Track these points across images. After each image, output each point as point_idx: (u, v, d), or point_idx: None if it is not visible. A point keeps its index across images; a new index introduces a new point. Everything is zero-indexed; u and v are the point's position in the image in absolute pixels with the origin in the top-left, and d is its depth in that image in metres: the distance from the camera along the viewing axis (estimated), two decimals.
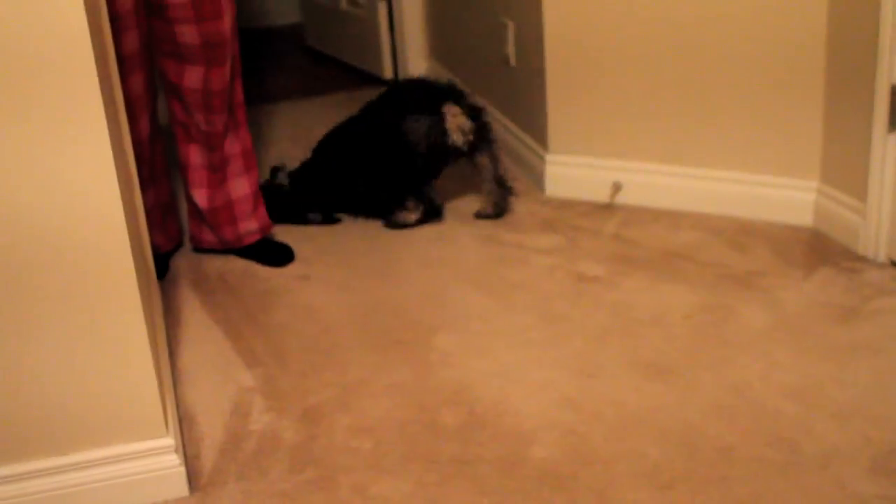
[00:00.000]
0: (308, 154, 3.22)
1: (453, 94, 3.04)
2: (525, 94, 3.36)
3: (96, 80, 1.67)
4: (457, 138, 2.95)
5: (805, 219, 2.90)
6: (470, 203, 3.21)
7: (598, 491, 1.88)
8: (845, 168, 2.75)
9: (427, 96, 3.03)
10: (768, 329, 2.39)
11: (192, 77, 2.61)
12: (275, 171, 3.22)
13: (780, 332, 2.37)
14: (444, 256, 2.86)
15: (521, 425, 2.08)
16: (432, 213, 3.08)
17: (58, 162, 1.69)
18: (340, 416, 2.15)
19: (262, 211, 2.89)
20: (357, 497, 1.90)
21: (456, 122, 2.95)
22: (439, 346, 2.39)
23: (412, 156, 2.98)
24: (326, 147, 3.19)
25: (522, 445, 2.02)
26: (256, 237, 2.89)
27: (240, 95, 2.78)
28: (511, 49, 3.41)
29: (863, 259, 2.69)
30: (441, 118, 2.95)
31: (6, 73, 1.62)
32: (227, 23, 2.58)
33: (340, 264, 2.85)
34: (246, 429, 2.13)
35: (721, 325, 2.42)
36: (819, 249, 2.76)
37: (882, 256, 2.67)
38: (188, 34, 2.54)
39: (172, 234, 2.93)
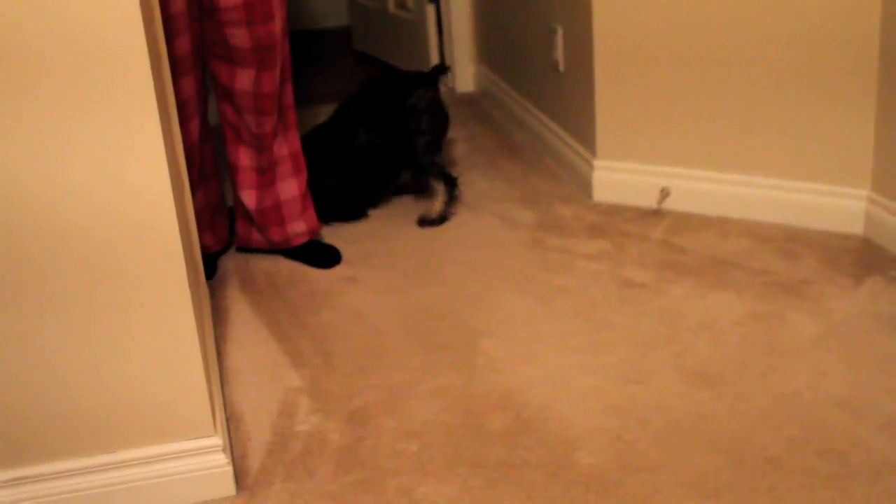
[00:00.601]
0: None
1: (425, 80, 3.19)
2: (573, 99, 3.35)
3: (151, 82, 1.69)
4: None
5: (855, 227, 2.87)
6: (516, 208, 3.21)
7: (644, 498, 1.88)
8: None
9: (403, 82, 3.21)
10: (817, 338, 2.37)
11: (244, 80, 2.63)
12: None
13: (829, 342, 2.35)
14: (489, 260, 2.86)
15: (567, 431, 2.08)
16: (453, 186, 3.20)
17: (112, 164, 1.70)
18: (386, 418, 2.16)
19: (311, 213, 2.91)
20: (403, 499, 1.90)
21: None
22: (485, 351, 2.40)
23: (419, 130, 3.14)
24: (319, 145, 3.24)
25: (568, 451, 2.02)
26: (304, 239, 2.91)
27: (290, 98, 2.80)
28: (560, 54, 3.40)
29: None
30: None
31: (63, 77, 1.64)
32: (277, 26, 2.60)
33: (387, 267, 2.86)
34: (293, 429, 2.14)
35: (769, 333, 2.40)
36: (869, 258, 2.74)
37: None
38: (239, 37, 2.56)
39: (221, 235, 2.96)
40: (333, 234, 3.08)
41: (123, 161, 1.71)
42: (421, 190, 3.30)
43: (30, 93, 1.64)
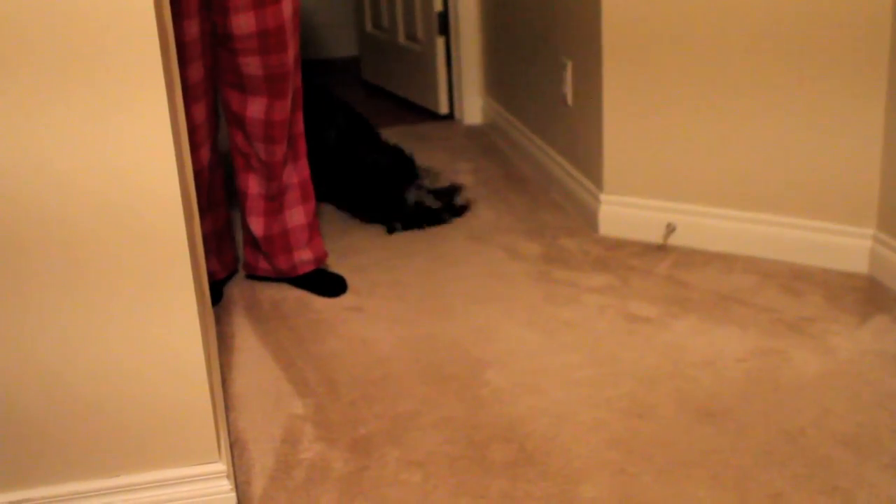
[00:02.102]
0: None
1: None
2: (581, 133, 3.37)
3: (166, 107, 1.70)
4: None
5: (860, 265, 2.88)
6: (522, 240, 3.22)
7: None
8: None
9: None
10: (821, 375, 2.37)
11: (255, 108, 2.65)
12: None
13: (833, 379, 2.36)
14: (495, 292, 2.87)
15: (571, 464, 2.08)
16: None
17: (123, 174, 1.71)
18: (390, 447, 2.16)
19: (318, 241, 2.92)
20: None
21: None
22: (490, 382, 2.40)
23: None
24: None
25: (571, 484, 2.02)
26: (311, 267, 2.92)
27: (300, 126, 2.81)
28: (569, 88, 3.42)
29: None
30: None
31: (82, 86, 1.66)
32: (290, 55, 2.62)
33: (393, 297, 2.87)
34: (296, 457, 2.14)
35: (773, 370, 2.40)
36: (874, 297, 2.74)
37: None
38: (253, 65, 2.58)
39: (227, 262, 2.97)
40: (340, 264, 3.09)
41: (136, 171, 1.71)
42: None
43: (49, 101, 1.65)
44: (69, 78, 1.65)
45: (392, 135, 4.34)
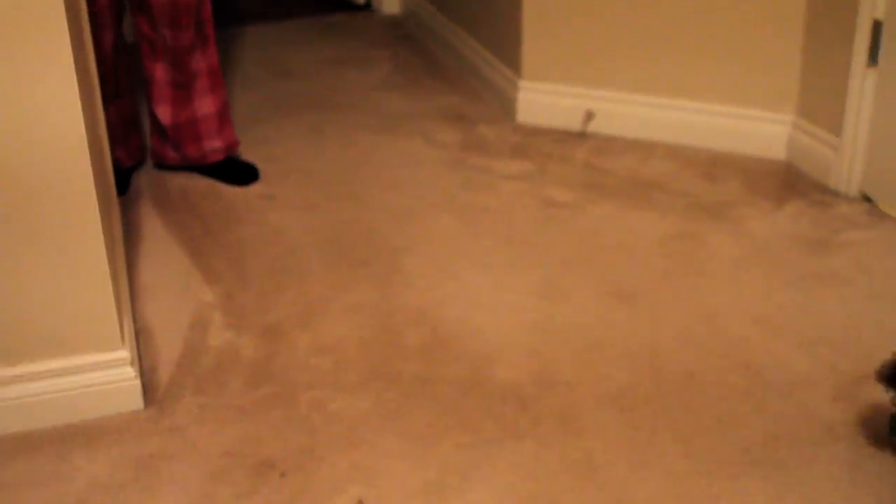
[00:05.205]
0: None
1: None
2: (500, 19, 3.29)
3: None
4: None
5: (779, 152, 2.87)
6: (440, 128, 3.16)
7: (561, 412, 1.86)
8: (822, 102, 2.71)
9: None
10: (737, 258, 2.37)
11: None
12: None
13: (749, 262, 2.35)
14: (411, 179, 2.81)
15: (485, 347, 2.06)
16: None
17: (17, 77, 1.64)
18: (301, 334, 2.11)
19: (229, 130, 2.83)
20: (315, 413, 1.87)
21: None
22: (404, 268, 2.36)
23: None
24: None
25: (485, 366, 1.99)
26: (221, 156, 2.83)
27: (208, 11, 2.70)
28: None
29: (834, 193, 2.66)
30: None
31: None
32: None
33: (307, 185, 2.80)
34: (204, 344, 2.09)
35: (690, 253, 2.39)
36: (791, 182, 2.74)
37: (854, 190, 2.65)
38: None
39: (134, 150, 2.87)
40: (252, 153, 3.00)
41: (28, 76, 1.64)
42: None
43: None
44: None
45: (303, 25, 4.22)
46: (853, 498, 1.67)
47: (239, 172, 2.84)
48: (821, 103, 2.72)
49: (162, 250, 2.47)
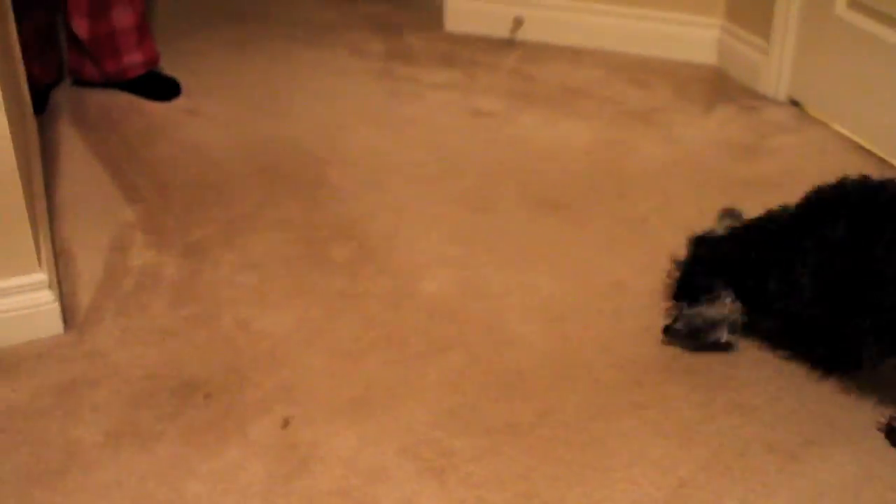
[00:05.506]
0: None
1: None
2: None
3: None
4: None
5: (708, 57, 2.85)
6: (365, 38, 3.09)
7: (489, 323, 1.85)
8: (750, 6, 2.69)
9: None
10: (666, 164, 2.35)
11: None
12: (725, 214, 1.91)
13: (677, 168, 2.34)
14: (338, 91, 2.76)
15: (412, 260, 2.03)
16: None
17: None
18: (224, 251, 2.07)
19: (149, 43, 2.75)
20: (240, 331, 1.84)
21: None
22: (329, 182, 2.31)
23: None
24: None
25: (412, 280, 1.97)
26: (141, 70, 2.75)
27: None
28: None
29: (763, 98, 2.65)
30: None
31: None
32: None
33: (231, 99, 2.74)
34: (125, 265, 2.04)
35: (618, 160, 2.37)
36: (720, 87, 2.72)
37: (782, 95, 2.64)
38: None
39: (51, 67, 2.78)
40: (174, 67, 2.92)
41: None
42: None
43: None
44: None
45: None
46: (778, 399, 1.68)
47: (160, 87, 2.77)
48: (749, 7, 2.69)
49: (81, 170, 2.40)
